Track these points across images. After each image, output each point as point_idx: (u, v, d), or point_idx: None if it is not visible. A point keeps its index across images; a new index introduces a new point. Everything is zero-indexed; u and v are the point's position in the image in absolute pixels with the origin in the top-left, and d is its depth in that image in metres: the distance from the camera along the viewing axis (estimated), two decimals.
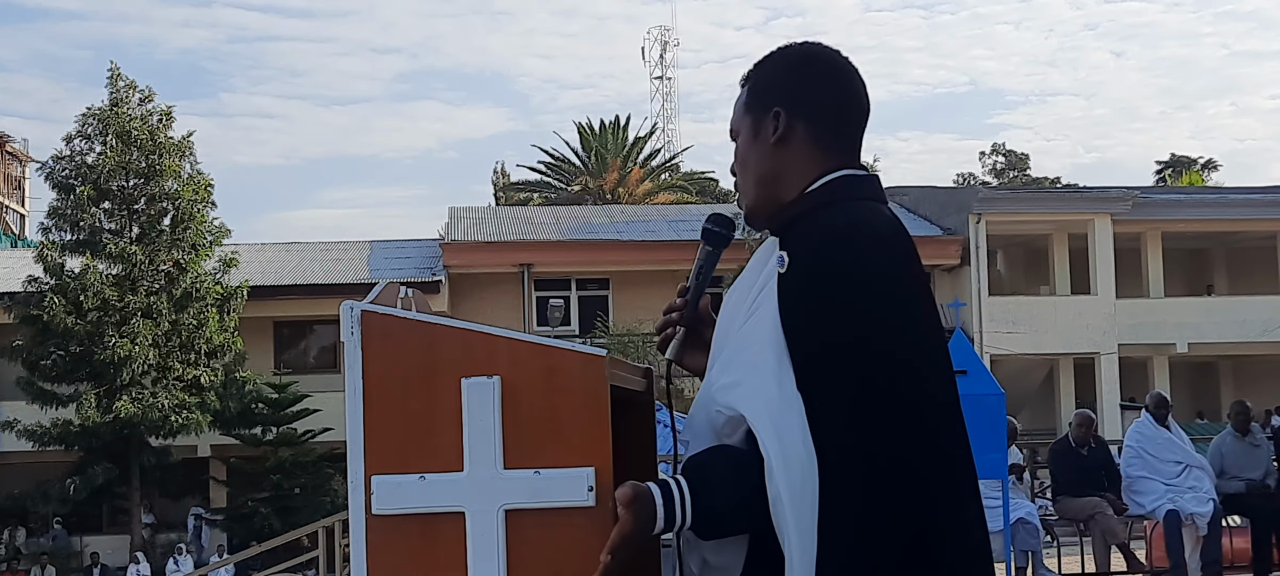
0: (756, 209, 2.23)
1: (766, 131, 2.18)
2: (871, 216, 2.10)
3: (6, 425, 26.75)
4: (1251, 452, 10.74)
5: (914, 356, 2.01)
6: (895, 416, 1.96)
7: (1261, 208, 32.49)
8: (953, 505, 2.01)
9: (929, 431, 2.00)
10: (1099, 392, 30.11)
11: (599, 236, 32.28)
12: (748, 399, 2.01)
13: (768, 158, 2.19)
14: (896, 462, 1.94)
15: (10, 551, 27.39)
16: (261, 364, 29.10)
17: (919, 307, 2.07)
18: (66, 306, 26.23)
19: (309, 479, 26.50)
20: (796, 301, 2.02)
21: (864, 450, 1.93)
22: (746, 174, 2.23)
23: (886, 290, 2.02)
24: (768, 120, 2.18)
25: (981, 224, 30.36)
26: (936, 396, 2.03)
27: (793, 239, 2.09)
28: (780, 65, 2.23)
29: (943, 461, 2.01)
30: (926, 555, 1.95)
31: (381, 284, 2.11)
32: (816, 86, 2.20)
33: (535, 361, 1.95)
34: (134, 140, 27.16)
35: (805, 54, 2.23)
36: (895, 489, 1.93)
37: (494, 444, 1.93)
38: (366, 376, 1.96)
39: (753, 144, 2.21)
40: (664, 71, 60.57)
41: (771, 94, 2.20)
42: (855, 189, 2.16)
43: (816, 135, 2.18)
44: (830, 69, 2.22)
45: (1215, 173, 61.19)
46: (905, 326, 2.02)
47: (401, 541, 1.95)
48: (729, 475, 2.00)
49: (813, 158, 2.17)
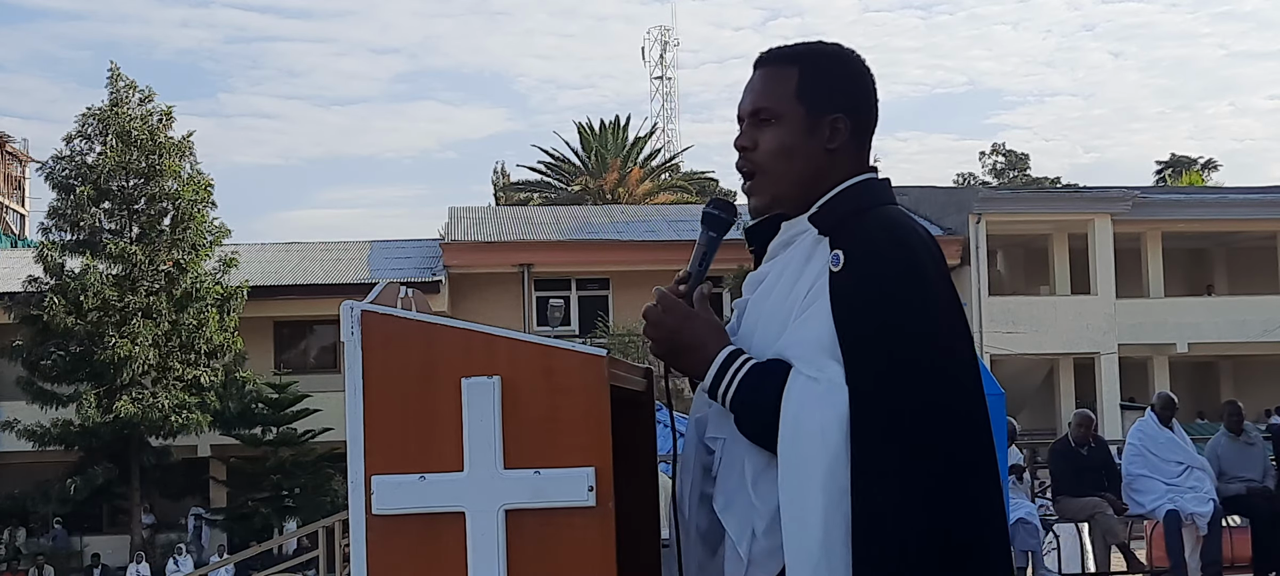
0: (782, 200, 2.23)
1: (823, 133, 2.20)
2: (912, 221, 2.18)
3: (6, 425, 26.76)
4: (1247, 452, 10.74)
5: (962, 361, 2.09)
6: (950, 420, 2.02)
7: (1261, 208, 32.48)
8: (992, 515, 2.08)
9: (976, 436, 2.06)
10: (1099, 393, 30.10)
11: (599, 236, 32.28)
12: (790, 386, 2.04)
13: (819, 158, 2.20)
14: (953, 464, 2.00)
15: (10, 551, 27.40)
16: (261, 364, 29.09)
17: (961, 312, 2.15)
18: (66, 306, 26.24)
19: (309, 479, 26.50)
20: (855, 297, 2.04)
21: (926, 447, 1.98)
22: (789, 164, 2.21)
23: (940, 294, 2.09)
24: (826, 123, 2.20)
25: (981, 224, 30.36)
26: (979, 401, 2.10)
27: (844, 237, 2.10)
28: (841, 70, 2.25)
29: (986, 468, 2.08)
30: (971, 561, 2.01)
31: (381, 284, 2.11)
32: (869, 98, 2.27)
33: (535, 361, 1.95)
34: (134, 140, 27.17)
35: (855, 59, 2.28)
36: (953, 491, 1.98)
37: (494, 444, 1.93)
38: (366, 376, 1.96)
39: (806, 139, 2.20)
40: (664, 71, 60.63)
41: (835, 98, 2.22)
42: (883, 192, 2.24)
43: (858, 143, 2.25)
44: (873, 82, 2.29)
45: (1215, 173, 61.21)
46: (957, 330, 2.10)
47: (401, 541, 1.95)
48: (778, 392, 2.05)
49: (851, 161, 2.23)
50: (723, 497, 2.15)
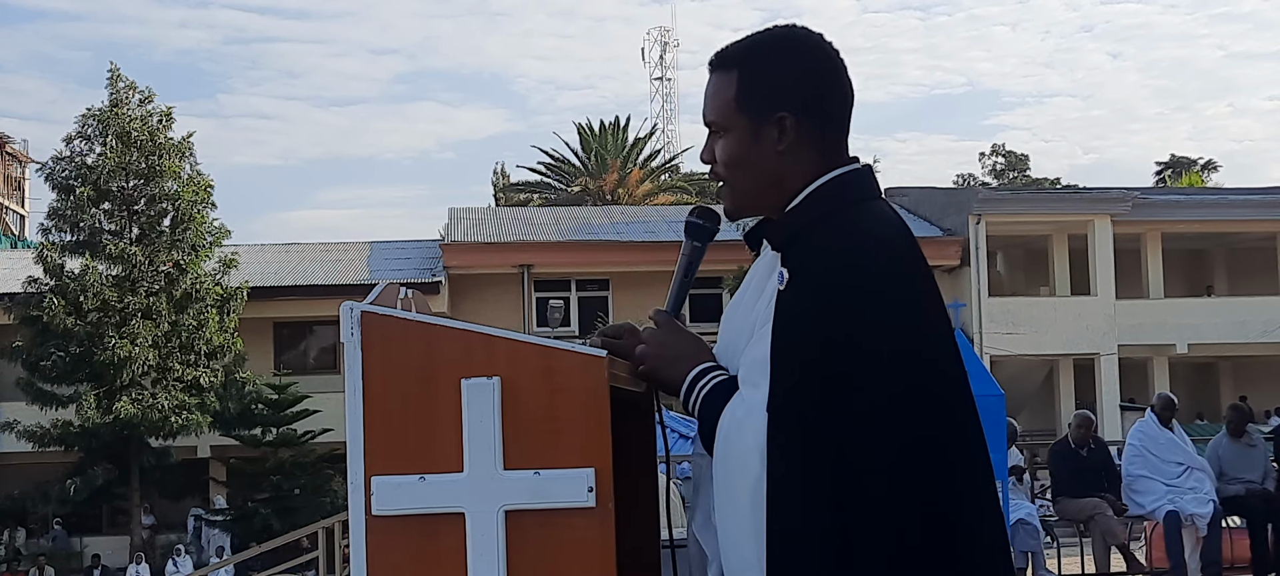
0: (748, 209, 2.18)
1: (770, 137, 2.10)
2: (872, 223, 2.04)
3: (6, 426, 26.75)
4: (1248, 454, 10.74)
5: (922, 368, 1.96)
6: (884, 434, 1.90)
7: (1261, 208, 32.50)
8: (974, 512, 1.98)
9: (934, 436, 1.94)
10: (1099, 393, 30.11)
11: (599, 237, 32.28)
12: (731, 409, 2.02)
13: (770, 163, 2.11)
14: (898, 481, 1.89)
15: (10, 552, 27.39)
16: (261, 364, 29.09)
17: (925, 314, 2.01)
18: (66, 307, 26.23)
19: (309, 479, 26.50)
20: (789, 315, 1.97)
21: (850, 464, 1.88)
22: (742, 175, 2.13)
23: (892, 299, 1.97)
24: (771, 125, 2.10)
25: (981, 225, 30.36)
26: (948, 401, 1.99)
27: (794, 255, 2.03)
28: (779, 64, 2.12)
29: (960, 467, 1.98)
30: (951, 557, 1.93)
31: (381, 284, 2.11)
32: (818, 85, 2.12)
33: (535, 362, 1.95)
34: (134, 141, 27.16)
35: (800, 47, 2.14)
36: (913, 497, 1.90)
37: (494, 444, 1.93)
38: (366, 377, 1.96)
39: (752, 147, 2.11)
40: (664, 72, 60.63)
41: (776, 98, 2.10)
42: (853, 189, 2.10)
43: (818, 136, 2.11)
44: (828, 64, 2.14)
45: (1215, 173, 61.20)
46: (909, 336, 1.96)
47: (401, 542, 1.95)
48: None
49: (813, 159, 2.10)
50: (701, 515, 2.14)
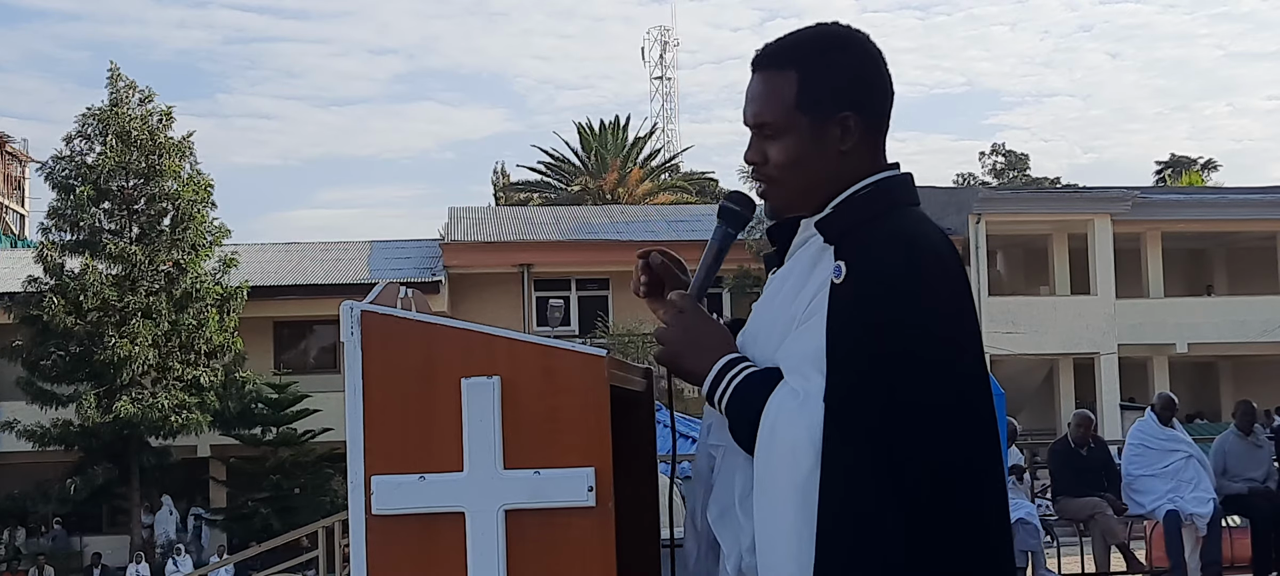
0: (797, 209, 2.15)
1: (833, 137, 2.09)
2: (926, 228, 2.06)
3: (6, 425, 26.76)
4: (1254, 453, 10.74)
5: (964, 376, 2.00)
6: (935, 435, 1.93)
7: (1261, 208, 32.49)
8: (1000, 515, 2.03)
9: (972, 453, 1.98)
10: (1099, 393, 30.11)
11: (599, 236, 32.28)
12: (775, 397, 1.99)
13: (833, 164, 2.09)
14: (938, 479, 1.92)
15: (10, 551, 27.39)
16: (261, 364, 29.09)
17: (970, 326, 2.04)
18: (66, 307, 26.24)
19: (309, 479, 26.52)
20: (849, 310, 1.95)
21: (901, 461, 1.90)
22: (799, 175, 2.11)
23: (943, 308, 1.99)
24: (834, 125, 2.09)
25: (981, 224, 30.36)
26: (980, 411, 2.01)
27: (848, 248, 2.01)
28: (844, 62, 2.12)
29: (991, 470, 2.01)
30: (992, 558, 1.97)
31: (381, 284, 2.10)
32: (876, 87, 2.14)
33: (535, 361, 1.95)
34: (134, 140, 27.17)
35: (862, 44, 2.15)
36: (935, 504, 1.91)
37: (494, 444, 1.93)
38: (366, 376, 1.96)
39: (813, 147, 2.09)
40: (663, 72, 60.62)
41: (840, 97, 2.09)
42: (902, 193, 2.12)
43: (874, 137, 2.13)
44: (879, 62, 2.15)
45: (1215, 173, 61.20)
46: (961, 344, 2.01)
47: (401, 541, 1.94)
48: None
49: (866, 159, 2.11)
50: (717, 507, 2.11)
